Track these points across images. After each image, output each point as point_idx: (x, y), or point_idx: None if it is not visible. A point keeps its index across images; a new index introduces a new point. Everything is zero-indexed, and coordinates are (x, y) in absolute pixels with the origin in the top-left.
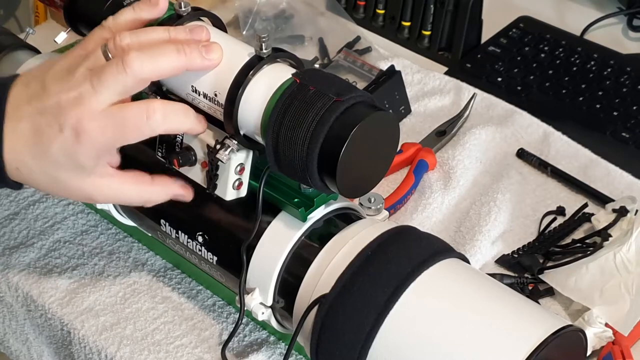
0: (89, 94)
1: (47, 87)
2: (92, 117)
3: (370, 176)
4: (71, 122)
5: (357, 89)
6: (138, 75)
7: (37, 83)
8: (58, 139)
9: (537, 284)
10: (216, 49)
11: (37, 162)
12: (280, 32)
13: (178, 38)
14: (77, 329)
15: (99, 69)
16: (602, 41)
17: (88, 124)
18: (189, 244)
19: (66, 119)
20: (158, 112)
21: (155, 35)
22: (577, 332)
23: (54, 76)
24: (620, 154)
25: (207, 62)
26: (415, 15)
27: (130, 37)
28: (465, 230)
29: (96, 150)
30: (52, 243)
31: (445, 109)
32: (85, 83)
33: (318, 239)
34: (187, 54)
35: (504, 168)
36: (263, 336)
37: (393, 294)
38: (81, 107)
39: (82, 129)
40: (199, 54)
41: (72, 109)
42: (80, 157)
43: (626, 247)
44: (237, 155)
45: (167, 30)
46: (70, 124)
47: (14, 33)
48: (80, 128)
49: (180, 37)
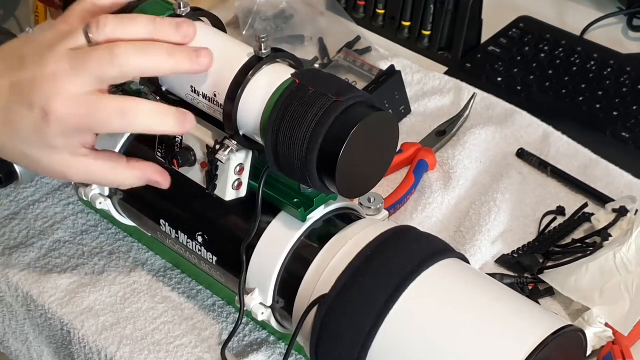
0: (65, 74)
1: (24, 60)
2: (63, 100)
3: (370, 176)
4: (41, 100)
5: (357, 89)
6: (124, 68)
7: (15, 56)
8: (27, 117)
9: (537, 284)
10: (206, 55)
11: (7, 137)
12: (280, 32)
13: (164, 30)
14: (77, 329)
15: (84, 52)
16: (602, 41)
17: (57, 105)
18: (189, 244)
19: (37, 97)
20: (132, 112)
21: (141, 25)
22: (577, 332)
23: (33, 50)
24: (620, 154)
25: (196, 67)
26: (415, 15)
27: (115, 22)
28: (465, 230)
29: (64, 131)
30: (52, 243)
31: (445, 109)
32: (64, 63)
33: (318, 239)
34: (177, 58)
35: (504, 168)
36: (263, 336)
37: (393, 294)
38: (54, 87)
39: (50, 110)
40: (188, 59)
41: (44, 88)
42: (49, 136)
43: (626, 247)
44: (236, 155)
45: (154, 20)
46: (40, 103)
47: (14, 33)
48: (49, 108)
49: (166, 29)
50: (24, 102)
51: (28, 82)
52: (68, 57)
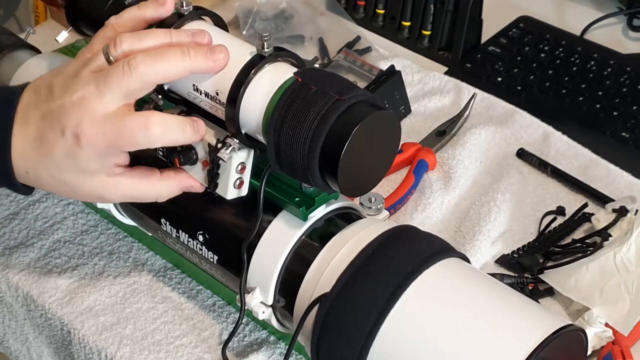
0: (92, 96)
1: (53, 91)
2: (92, 122)
3: (372, 175)
4: (72, 125)
5: (359, 87)
6: (143, 77)
7: (46, 88)
8: (60, 142)
9: (537, 284)
10: (220, 50)
11: (43, 166)
12: (280, 32)
13: (180, 41)
14: (77, 329)
15: (105, 71)
16: (602, 41)
17: (87, 128)
18: (190, 243)
19: (67, 122)
20: (156, 127)
21: (157, 38)
22: (577, 332)
23: (61, 80)
24: (620, 154)
25: (212, 64)
26: (415, 15)
27: (131, 39)
28: (465, 230)
29: (97, 153)
30: (52, 243)
31: (445, 109)
32: (90, 85)
33: (319, 238)
34: (191, 56)
35: (504, 168)
36: (263, 336)
37: (394, 293)
38: (83, 110)
39: (81, 133)
40: (203, 57)
41: (74, 112)
42: (83, 160)
43: (626, 247)
44: (238, 154)
45: (169, 33)
46: (71, 127)
47: (14, 33)
48: (80, 132)
49: (182, 40)
50: (56, 129)
51: (58, 110)
52: (92, 79)
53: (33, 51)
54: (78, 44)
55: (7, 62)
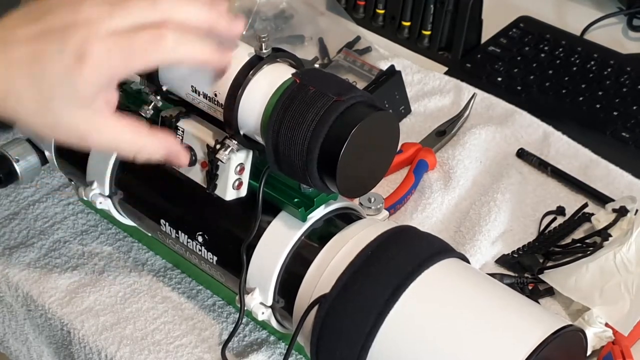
0: (104, 16)
1: (52, 9)
2: (99, 39)
3: (370, 176)
4: (76, 42)
5: (357, 88)
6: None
7: (40, 9)
8: (59, 62)
9: (537, 284)
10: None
11: (31, 88)
12: (280, 32)
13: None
14: (77, 329)
15: None
16: (602, 41)
17: (94, 45)
18: (189, 243)
19: (71, 39)
20: (170, 38)
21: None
22: (577, 332)
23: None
24: (620, 154)
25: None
26: (415, 15)
27: None
28: (465, 230)
29: (98, 77)
30: (52, 243)
31: (445, 109)
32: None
33: (318, 238)
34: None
35: (504, 168)
36: (263, 336)
37: (393, 294)
38: (91, 29)
39: (86, 51)
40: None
41: (79, 31)
42: (80, 83)
43: (626, 247)
44: (237, 155)
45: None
46: (75, 45)
47: None
48: (85, 50)
49: None
50: (56, 46)
51: (59, 28)
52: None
53: None
54: None
55: None
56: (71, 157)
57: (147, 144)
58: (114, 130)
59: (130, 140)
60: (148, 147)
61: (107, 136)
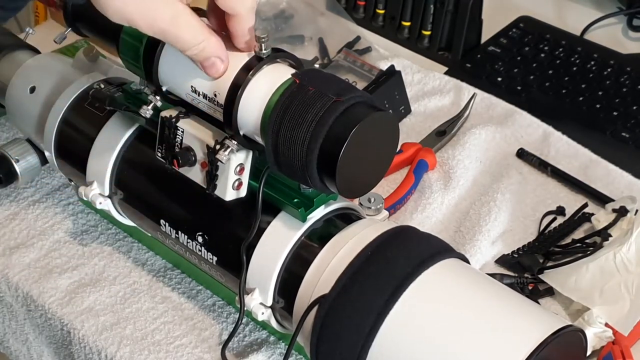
0: None
1: None
2: None
3: (370, 176)
4: None
5: (357, 89)
6: None
7: None
8: None
9: (537, 284)
10: None
11: None
12: (280, 32)
13: None
14: (77, 329)
15: None
16: (602, 41)
17: None
18: (189, 244)
19: None
20: None
21: None
22: (577, 332)
23: None
24: (620, 154)
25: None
26: (415, 15)
27: None
28: (465, 230)
29: None
30: (52, 243)
31: (445, 109)
32: None
33: (318, 239)
34: None
35: (504, 168)
36: (263, 336)
37: (393, 294)
38: None
39: None
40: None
41: None
42: None
43: (626, 247)
44: (236, 155)
45: None
46: None
47: (14, 33)
48: None
49: None
50: None
51: None
52: None
53: (33, 51)
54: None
55: (6, 63)
56: (71, 157)
57: (208, 38)
58: (192, 20)
59: (199, 32)
60: (208, 43)
61: (181, 20)
